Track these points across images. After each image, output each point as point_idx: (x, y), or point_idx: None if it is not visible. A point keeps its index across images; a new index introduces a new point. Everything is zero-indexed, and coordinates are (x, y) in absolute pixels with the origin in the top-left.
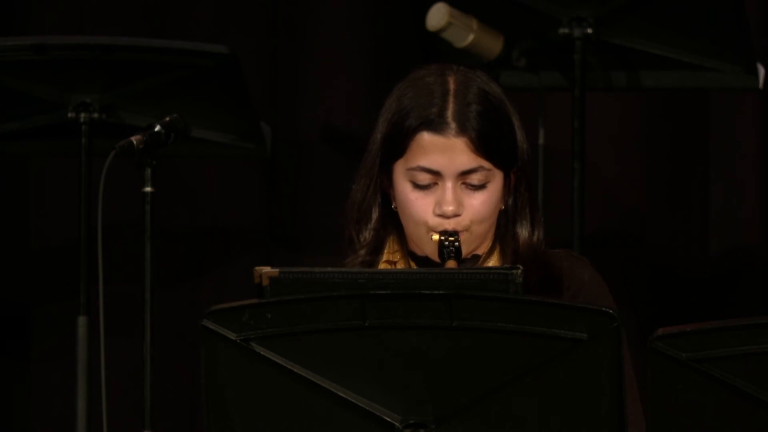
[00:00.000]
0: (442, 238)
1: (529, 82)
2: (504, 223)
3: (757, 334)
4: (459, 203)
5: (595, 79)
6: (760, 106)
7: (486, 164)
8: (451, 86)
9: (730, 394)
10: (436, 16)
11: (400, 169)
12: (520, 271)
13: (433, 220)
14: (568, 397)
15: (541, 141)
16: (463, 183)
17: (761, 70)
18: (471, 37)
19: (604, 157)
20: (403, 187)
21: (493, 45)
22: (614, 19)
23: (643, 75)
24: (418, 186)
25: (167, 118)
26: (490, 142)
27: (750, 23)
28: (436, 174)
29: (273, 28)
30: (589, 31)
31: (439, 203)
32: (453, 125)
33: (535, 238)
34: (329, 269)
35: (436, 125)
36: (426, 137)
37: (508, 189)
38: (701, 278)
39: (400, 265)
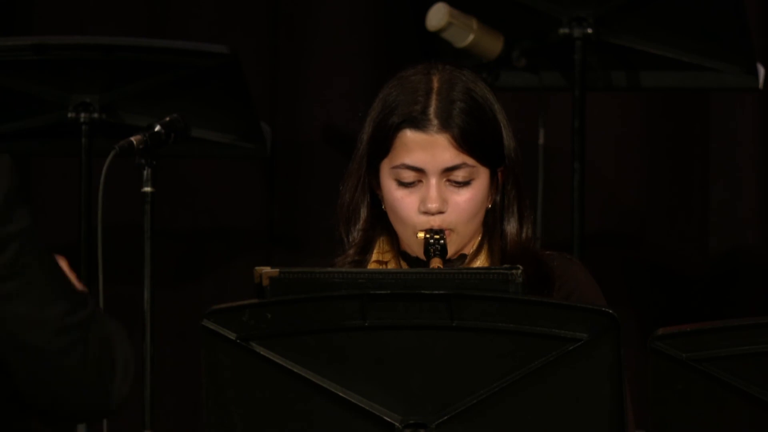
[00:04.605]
0: (428, 236)
1: (529, 82)
2: (491, 221)
3: (757, 334)
4: (443, 200)
5: (595, 79)
6: (760, 106)
7: (470, 161)
8: (435, 84)
9: (730, 394)
10: (436, 16)
11: (385, 168)
12: (520, 271)
13: (418, 218)
14: (568, 397)
15: (541, 141)
16: (448, 180)
17: (761, 70)
18: (471, 37)
19: (604, 157)
20: (388, 186)
21: (493, 45)
22: (614, 19)
23: (643, 75)
24: (402, 184)
25: (167, 118)
26: (473, 139)
27: (750, 23)
28: (420, 171)
29: (273, 28)
30: (589, 31)
31: (423, 200)
32: (435, 122)
33: (523, 235)
34: (329, 269)
35: (419, 122)
36: (409, 134)
37: (495, 187)
38: (701, 278)
39: (391, 266)
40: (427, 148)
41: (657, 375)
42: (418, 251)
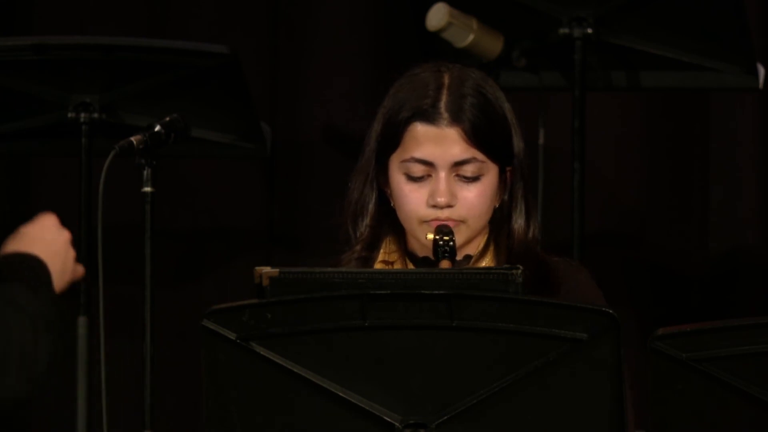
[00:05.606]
0: (437, 237)
1: (529, 82)
2: (498, 219)
3: (757, 334)
4: (452, 194)
5: (595, 79)
6: (760, 106)
7: (479, 156)
8: (446, 80)
9: (730, 394)
10: (436, 16)
11: (395, 163)
12: (520, 271)
13: (426, 211)
14: (568, 397)
15: (541, 141)
16: (457, 175)
17: (761, 70)
18: (471, 37)
19: (604, 157)
20: (397, 180)
21: (493, 45)
22: (614, 19)
23: (643, 75)
24: (411, 178)
25: (167, 118)
26: (483, 134)
27: (750, 23)
28: (430, 165)
29: (273, 28)
30: (589, 31)
31: (432, 194)
32: (446, 115)
33: (530, 234)
34: (329, 269)
35: (429, 115)
36: (419, 128)
37: (504, 186)
38: (701, 278)
39: (397, 266)
40: (437, 142)
41: (657, 375)
42: (425, 247)
